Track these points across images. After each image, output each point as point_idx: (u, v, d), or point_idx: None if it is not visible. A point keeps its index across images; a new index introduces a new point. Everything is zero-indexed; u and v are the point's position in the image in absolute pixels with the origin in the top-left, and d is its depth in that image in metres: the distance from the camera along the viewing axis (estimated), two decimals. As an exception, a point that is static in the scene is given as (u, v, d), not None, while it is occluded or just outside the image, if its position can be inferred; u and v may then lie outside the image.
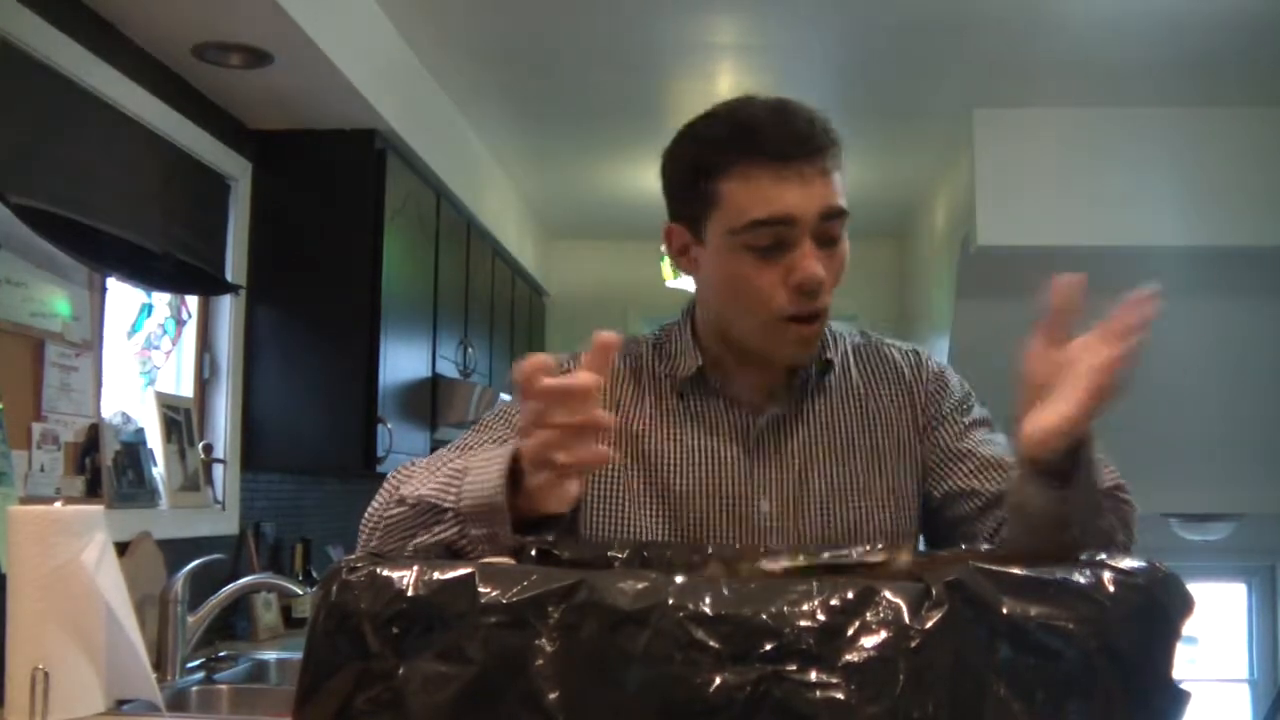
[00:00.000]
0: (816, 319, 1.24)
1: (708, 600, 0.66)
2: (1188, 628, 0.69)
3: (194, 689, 2.55)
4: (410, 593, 0.71)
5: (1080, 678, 0.65)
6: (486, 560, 0.86)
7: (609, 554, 1.00)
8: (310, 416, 3.32)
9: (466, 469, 1.07)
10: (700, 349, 1.34)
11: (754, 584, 0.69)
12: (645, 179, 4.89)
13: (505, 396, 4.31)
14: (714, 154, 1.23)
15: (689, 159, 1.26)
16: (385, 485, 1.21)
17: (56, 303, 2.42)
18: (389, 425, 3.33)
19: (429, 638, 0.70)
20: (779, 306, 1.22)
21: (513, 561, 0.92)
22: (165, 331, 3.07)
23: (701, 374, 1.33)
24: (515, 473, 1.02)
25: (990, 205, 4.09)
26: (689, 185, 1.26)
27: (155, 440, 2.84)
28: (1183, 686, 0.69)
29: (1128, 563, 0.71)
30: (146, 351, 2.99)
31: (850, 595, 0.66)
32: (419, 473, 1.18)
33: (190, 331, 3.16)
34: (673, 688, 0.65)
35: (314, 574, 3.50)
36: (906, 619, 0.65)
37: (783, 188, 1.19)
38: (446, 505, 1.06)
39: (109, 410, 2.67)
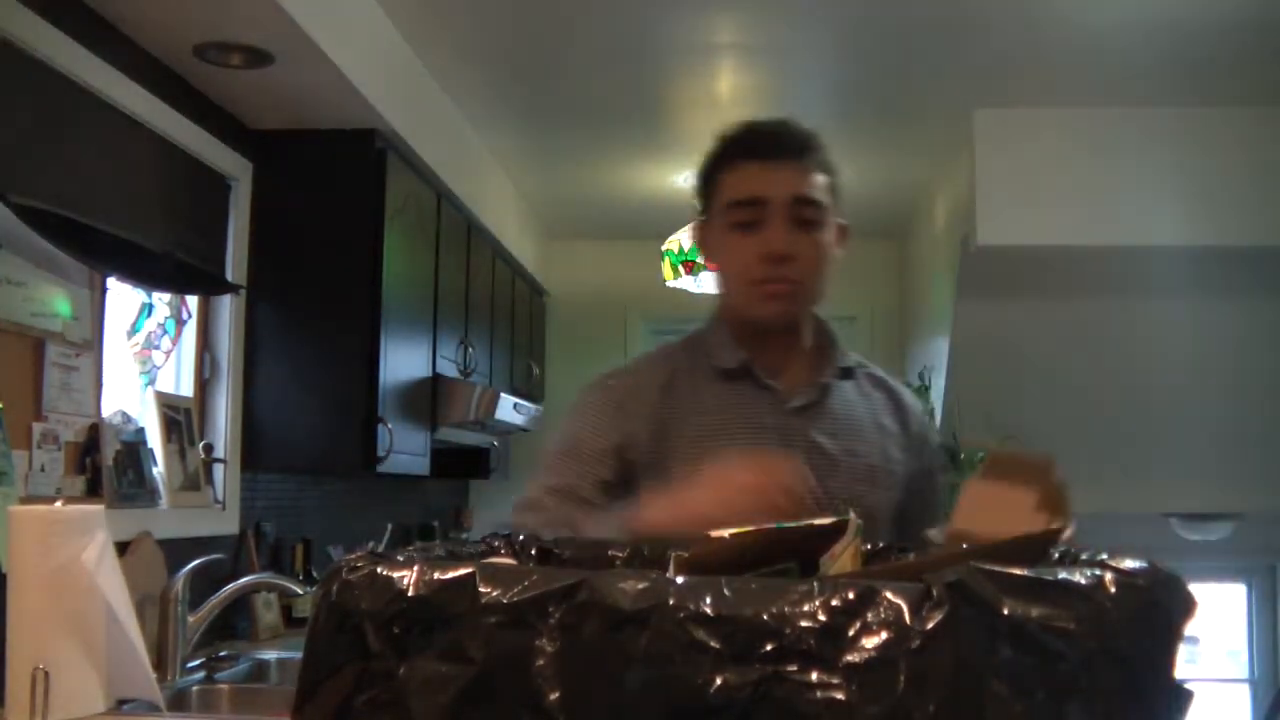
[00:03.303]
0: (783, 282, 1.50)
1: (708, 600, 0.66)
2: (1189, 628, 0.69)
3: (194, 689, 2.55)
4: (411, 592, 0.71)
5: (1081, 678, 0.65)
6: (487, 560, 0.86)
7: (609, 553, 1.00)
8: (310, 416, 3.32)
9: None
10: (735, 343, 1.56)
11: (754, 584, 0.68)
12: (645, 179, 4.94)
13: (505, 396, 4.32)
14: (719, 154, 1.57)
15: (706, 161, 1.59)
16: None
17: (56, 303, 2.42)
18: (389, 425, 3.33)
19: (429, 638, 0.69)
20: (751, 273, 1.51)
21: (513, 561, 0.93)
22: (165, 331, 3.07)
23: (745, 366, 1.55)
24: None
25: (990, 205, 4.09)
26: (704, 181, 1.59)
27: (155, 440, 2.83)
28: (1184, 687, 0.69)
29: (1129, 563, 0.71)
30: (147, 351, 2.99)
31: (851, 596, 0.66)
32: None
33: (190, 331, 3.16)
34: (673, 688, 0.65)
35: (314, 573, 3.50)
36: (907, 619, 0.65)
37: (760, 177, 1.50)
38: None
39: (109, 410, 2.67)
